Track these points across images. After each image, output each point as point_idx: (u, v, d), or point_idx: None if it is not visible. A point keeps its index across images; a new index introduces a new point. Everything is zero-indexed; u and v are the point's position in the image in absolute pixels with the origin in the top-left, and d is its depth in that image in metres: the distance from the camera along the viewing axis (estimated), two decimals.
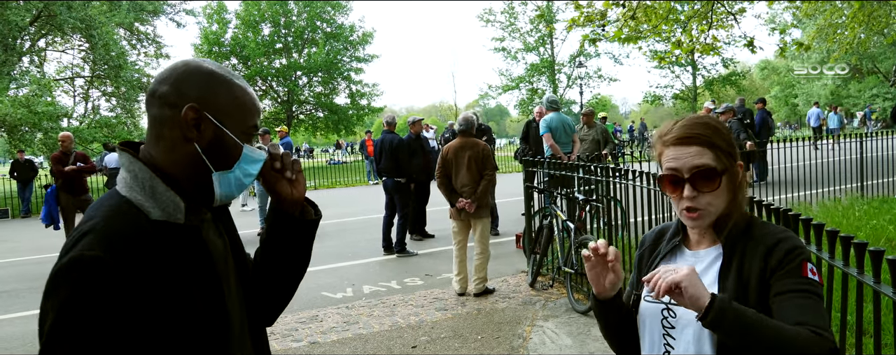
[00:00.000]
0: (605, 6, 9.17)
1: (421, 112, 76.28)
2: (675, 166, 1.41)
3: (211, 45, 32.66)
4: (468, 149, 6.15)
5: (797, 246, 1.36)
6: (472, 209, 5.99)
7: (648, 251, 1.62)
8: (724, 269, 1.41)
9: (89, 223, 1.11)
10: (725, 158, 1.41)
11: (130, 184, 1.17)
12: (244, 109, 1.25)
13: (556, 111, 8.78)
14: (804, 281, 1.32)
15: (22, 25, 21.27)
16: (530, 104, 34.58)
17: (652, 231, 1.67)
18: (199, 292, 1.17)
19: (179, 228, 1.18)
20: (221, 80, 1.23)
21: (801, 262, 1.34)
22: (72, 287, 1.03)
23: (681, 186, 1.41)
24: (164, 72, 1.23)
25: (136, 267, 1.07)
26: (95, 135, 21.33)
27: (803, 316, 1.28)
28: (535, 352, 4.56)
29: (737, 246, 1.42)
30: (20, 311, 6.44)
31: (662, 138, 1.46)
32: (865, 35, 14.91)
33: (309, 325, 5.43)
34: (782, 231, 1.42)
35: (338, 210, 13.80)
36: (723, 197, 1.41)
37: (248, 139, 1.27)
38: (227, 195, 1.25)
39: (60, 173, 8.63)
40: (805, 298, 1.31)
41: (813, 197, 9.07)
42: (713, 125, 1.44)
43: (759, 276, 1.36)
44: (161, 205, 1.16)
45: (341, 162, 30.48)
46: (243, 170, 1.25)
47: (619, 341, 1.59)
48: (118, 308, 1.05)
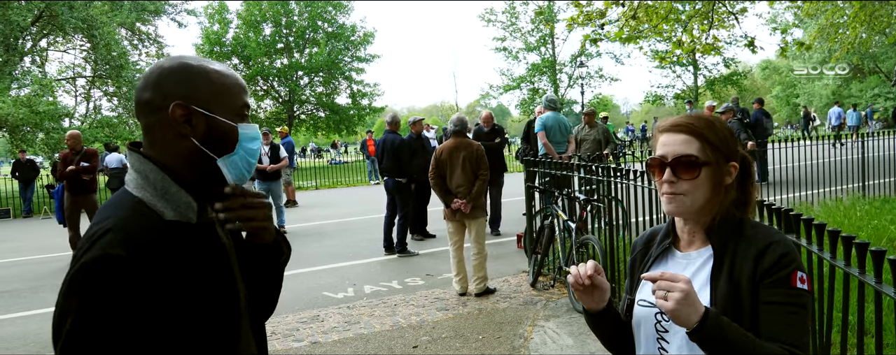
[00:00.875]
0: (605, 5, 9.17)
1: (422, 112, 76.24)
2: (663, 152, 1.45)
3: (212, 44, 32.70)
4: (462, 150, 6.14)
5: (788, 251, 1.37)
6: (468, 209, 5.99)
7: (640, 255, 1.62)
8: (716, 271, 1.41)
9: (106, 222, 1.12)
10: (713, 153, 1.42)
11: (142, 185, 1.18)
12: (228, 92, 1.26)
13: (555, 110, 8.80)
14: (793, 292, 1.33)
15: (24, 25, 21.30)
16: (531, 104, 34.58)
17: (642, 235, 1.67)
18: (214, 289, 1.19)
19: (192, 227, 1.19)
20: (198, 70, 1.24)
21: (792, 271, 1.35)
22: (96, 285, 1.05)
23: (664, 170, 1.44)
24: (142, 80, 1.25)
25: (156, 266, 1.09)
26: (97, 134, 21.37)
27: (784, 332, 1.31)
28: (536, 352, 4.56)
29: (728, 246, 1.42)
30: (21, 311, 6.44)
31: (659, 126, 1.51)
32: (867, 35, 14.90)
33: (310, 325, 5.43)
34: (774, 232, 1.42)
35: (339, 210, 13.81)
36: (702, 189, 1.42)
37: (242, 118, 1.27)
38: (240, 177, 1.27)
39: (61, 174, 8.63)
40: (790, 313, 1.32)
41: (814, 197, 9.06)
42: (710, 120, 1.46)
43: (749, 279, 1.36)
44: (174, 205, 1.18)
45: (342, 162, 30.50)
46: (246, 148, 1.27)
47: (617, 348, 1.61)
48: (140, 306, 1.06)
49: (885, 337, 3.40)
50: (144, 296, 1.06)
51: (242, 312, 1.28)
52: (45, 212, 16.02)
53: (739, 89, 37.42)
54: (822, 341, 2.74)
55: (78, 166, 8.50)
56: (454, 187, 6.08)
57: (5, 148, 32.39)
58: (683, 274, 1.30)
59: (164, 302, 1.09)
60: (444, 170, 6.16)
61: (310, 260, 8.33)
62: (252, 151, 1.28)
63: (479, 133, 9.57)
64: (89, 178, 8.66)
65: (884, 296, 2.14)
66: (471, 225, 6.08)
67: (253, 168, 1.29)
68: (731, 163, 1.45)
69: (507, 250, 8.10)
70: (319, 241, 9.82)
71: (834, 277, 2.58)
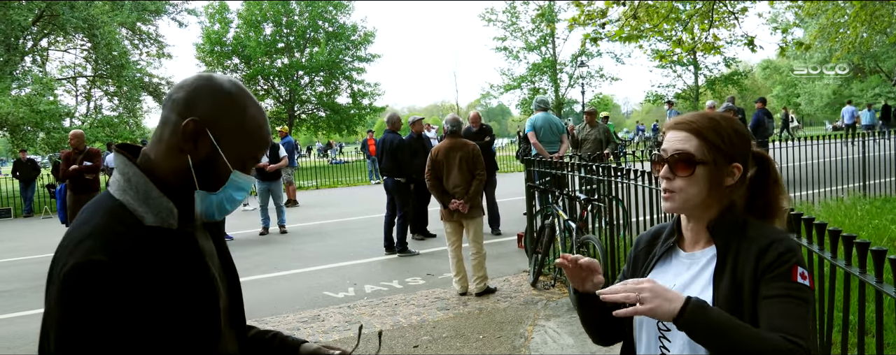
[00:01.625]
0: (606, 5, 9.16)
1: (422, 111, 76.27)
2: (665, 147, 1.47)
3: (213, 44, 32.68)
4: (458, 150, 6.14)
5: (791, 248, 1.36)
6: (466, 210, 5.99)
7: (643, 252, 1.62)
8: (719, 271, 1.41)
9: (87, 226, 1.12)
10: (711, 152, 1.42)
11: (124, 188, 1.18)
12: (248, 139, 1.25)
13: (545, 111, 8.89)
14: (793, 286, 1.32)
15: (24, 25, 21.30)
16: (531, 103, 34.54)
17: (647, 232, 1.67)
18: (194, 292, 1.18)
19: (173, 234, 1.18)
20: (236, 103, 1.23)
21: (793, 266, 1.34)
22: (80, 292, 1.04)
23: (663, 166, 1.46)
24: (188, 79, 1.24)
25: (137, 271, 1.08)
26: (97, 134, 21.37)
27: (783, 322, 1.29)
28: (536, 352, 4.56)
29: (731, 246, 1.42)
30: (22, 311, 6.44)
31: (667, 123, 1.53)
32: (868, 34, 14.88)
33: (311, 325, 5.43)
34: (777, 232, 1.42)
35: (339, 209, 13.82)
36: (697, 187, 1.42)
37: (244, 167, 1.26)
38: (208, 215, 1.25)
39: (63, 173, 8.65)
40: (790, 304, 1.31)
41: (815, 196, 9.06)
42: (715, 120, 1.45)
43: (751, 276, 1.36)
44: (154, 210, 1.16)
45: (343, 161, 30.49)
46: (228, 195, 1.25)
47: (599, 334, 1.65)
48: (124, 310, 1.06)
49: (886, 337, 3.40)
50: (127, 301, 1.06)
51: (222, 313, 1.28)
52: (46, 212, 16.03)
53: (740, 89, 37.40)
54: (823, 341, 2.74)
55: (82, 165, 8.54)
56: (451, 187, 6.08)
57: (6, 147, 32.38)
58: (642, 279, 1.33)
59: (146, 306, 1.08)
60: (440, 170, 6.16)
61: (310, 259, 8.33)
62: (232, 200, 1.26)
63: (468, 133, 9.58)
64: (92, 178, 8.70)
65: (885, 296, 2.14)
66: (469, 225, 6.08)
67: (224, 214, 1.28)
68: (735, 164, 1.44)
69: (508, 250, 8.10)
70: (320, 241, 9.82)
71: (835, 277, 2.58)
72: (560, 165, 6.33)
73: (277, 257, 8.62)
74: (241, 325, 1.42)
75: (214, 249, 1.34)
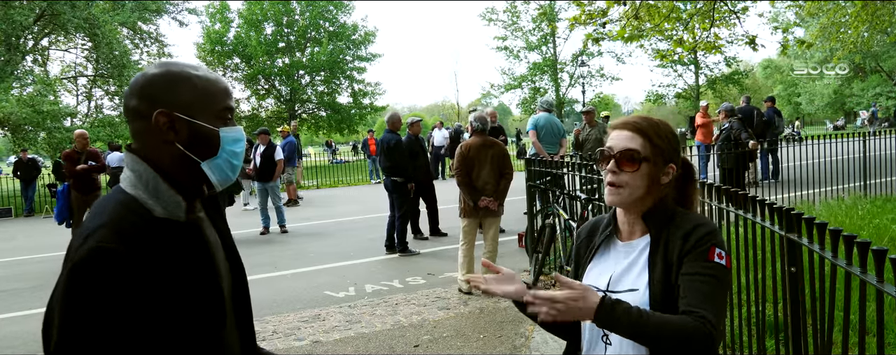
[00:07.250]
0: (607, 4, 9.16)
1: (423, 111, 76.24)
2: (611, 145, 1.62)
3: (214, 44, 32.71)
4: (489, 148, 6.17)
5: (711, 231, 1.53)
6: (496, 207, 6.03)
7: (584, 244, 1.76)
8: (652, 255, 1.56)
9: (100, 218, 1.18)
10: (653, 151, 1.59)
11: (135, 183, 1.25)
12: (211, 97, 1.30)
13: (549, 112, 8.91)
14: (708, 265, 1.48)
15: (25, 24, 21.32)
16: (532, 103, 34.55)
17: (585, 225, 1.82)
18: (200, 281, 1.25)
19: (181, 225, 1.25)
20: (180, 76, 1.28)
21: (710, 247, 1.49)
22: (93, 277, 1.10)
23: (609, 162, 1.61)
24: (129, 87, 1.30)
25: (147, 259, 1.15)
26: (98, 134, 21.38)
27: (696, 301, 1.43)
28: (537, 352, 4.56)
29: (662, 233, 1.58)
30: (22, 310, 6.45)
31: (612, 123, 1.69)
32: (869, 34, 14.88)
33: (311, 324, 5.44)
34: (702, 218, 1.59)
35: (340, 209, 13.82)
36: (640, 181, 1.58)
37: (224, 121, 1.32)
38: (224, 180, 1.33)
39: (71, 172, 8.65)
40: (704, 283, 1.45)
41: (816, 196, 9.05)
42: (656, 123, 1.64)
43: (678, 257, 1.51)
44: (163, 203, 1.23)
45: (343, 161, 30.49)
46: (228, 151, 1.32)
47: (551, 330, 1.84)
48: (135, 296, 1.12)
49: (887, 337, 3.40)
50: (137, 286, 1.12)
51: (227, 301, 1.35)
52: (47, 212, 16.04)
53: (741, 88, 37.39)
54: (823, 340, 2.74)
55: (87, 165, 8.59)
56: (481, 184, 6.10)
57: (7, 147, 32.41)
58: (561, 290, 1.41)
59: (153, 292, 1.14)
60: (471, 167, 6.16)
61: (311, 259, 8.34)
62: (235, 153, 1.33)
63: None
64: (96, 177, 8.78)
65: (885, 296, 2.13)
66: (490, 223, 6.12)
67: (238, 169, 1.35)
68: (670, 164, 1.62)
69: (508, 249, 8.10)
70: (321, 240, 9.83)
71: (835, 276, 2.58)
72: (560, 165, 6.33)
73: (278, 256, 8.63)
74: (248, 316, 1.48)
75: (219, 241, 1.40)
